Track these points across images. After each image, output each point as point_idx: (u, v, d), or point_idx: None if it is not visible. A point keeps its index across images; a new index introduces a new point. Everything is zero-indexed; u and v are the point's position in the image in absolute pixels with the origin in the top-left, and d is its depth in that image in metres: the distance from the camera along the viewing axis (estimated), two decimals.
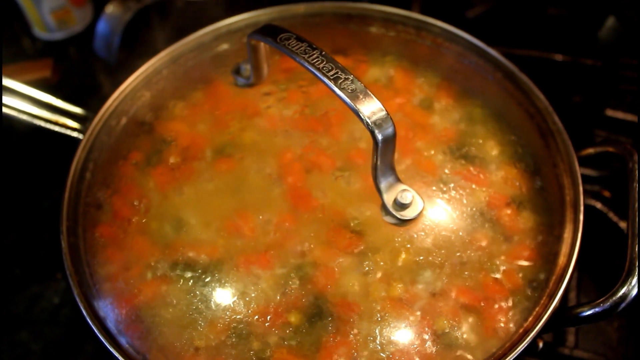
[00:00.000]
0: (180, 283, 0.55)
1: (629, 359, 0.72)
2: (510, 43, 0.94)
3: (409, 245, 0.55)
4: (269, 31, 0.55)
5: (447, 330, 0.52)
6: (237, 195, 0.59)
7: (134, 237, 0.59)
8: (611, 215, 0.79)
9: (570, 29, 1.02)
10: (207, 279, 0.55)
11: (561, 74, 0.96)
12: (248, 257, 0.55)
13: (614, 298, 0.50)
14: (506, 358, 0.50)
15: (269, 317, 0.53)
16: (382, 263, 0.54)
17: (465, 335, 0.52)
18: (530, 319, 0.53)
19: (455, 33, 0.69)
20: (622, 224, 0.78)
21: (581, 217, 0.57)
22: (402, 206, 0.54)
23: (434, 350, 0.51)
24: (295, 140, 0.62)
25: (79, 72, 1.04)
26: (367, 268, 0.54)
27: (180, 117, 0.67)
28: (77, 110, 0.69)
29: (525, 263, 0.56)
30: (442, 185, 0.58)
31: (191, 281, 0.55)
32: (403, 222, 0.55)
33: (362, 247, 0.55)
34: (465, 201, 0.58)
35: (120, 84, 0.68)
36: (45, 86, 0.70)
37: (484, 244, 0.56)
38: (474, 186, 0.59)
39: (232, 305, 0.53)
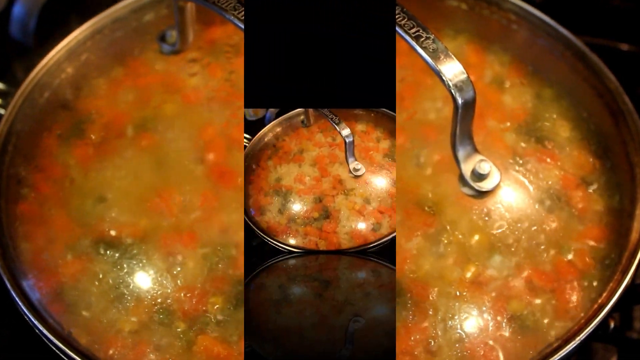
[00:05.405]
0: (103, 261, 0.54)
1: None
2: (576, 30, 0.93)
3: (487, 219, 0.55)
4: None
5: (520, 313, 0.52)
6: (158, 172, 0.58)
7: (55, 212, 0.57)
8: None
9: (636, 20, 1.00)
10: (130, 257, 0.54)
11: (627, 64, 0.94)
12: (170, 235, 0.55)
13: None
14: (581, 333, 0.50)
15: (196, 293, 0.52)
16: None
17: (539, 315, 0.52)
18: (605, 294, 0.52)
19: (527, 9, 0.69)
20: None
21: None
22: (480, 177, 0.54)
23: (508, 332, 0.51)
24: (218, 112, 0.61)
25: None
26: None
27: (103, 91, 0.65)
28: None
29: (596, 241, 0.56)
30: (515, 161, 0.58)
31: (114, 258, 0.54)
32: (481, 194, 0.55)
33: None
34: (539, 177, 0.58)
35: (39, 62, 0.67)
36: None
37: (555, 222, 0.56)
38: (548, 161, 0.59)
39: (155, 284, 0.53)
